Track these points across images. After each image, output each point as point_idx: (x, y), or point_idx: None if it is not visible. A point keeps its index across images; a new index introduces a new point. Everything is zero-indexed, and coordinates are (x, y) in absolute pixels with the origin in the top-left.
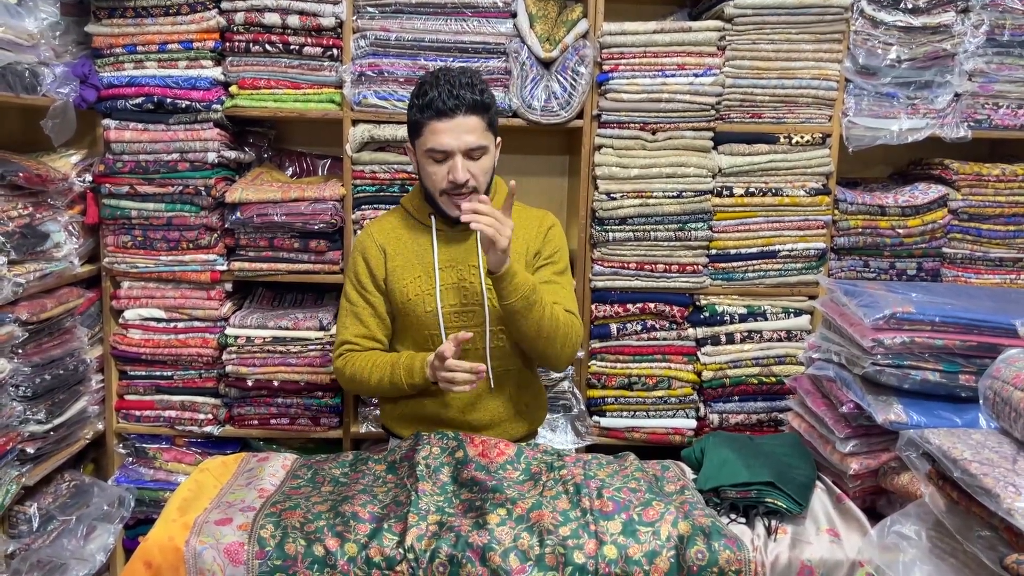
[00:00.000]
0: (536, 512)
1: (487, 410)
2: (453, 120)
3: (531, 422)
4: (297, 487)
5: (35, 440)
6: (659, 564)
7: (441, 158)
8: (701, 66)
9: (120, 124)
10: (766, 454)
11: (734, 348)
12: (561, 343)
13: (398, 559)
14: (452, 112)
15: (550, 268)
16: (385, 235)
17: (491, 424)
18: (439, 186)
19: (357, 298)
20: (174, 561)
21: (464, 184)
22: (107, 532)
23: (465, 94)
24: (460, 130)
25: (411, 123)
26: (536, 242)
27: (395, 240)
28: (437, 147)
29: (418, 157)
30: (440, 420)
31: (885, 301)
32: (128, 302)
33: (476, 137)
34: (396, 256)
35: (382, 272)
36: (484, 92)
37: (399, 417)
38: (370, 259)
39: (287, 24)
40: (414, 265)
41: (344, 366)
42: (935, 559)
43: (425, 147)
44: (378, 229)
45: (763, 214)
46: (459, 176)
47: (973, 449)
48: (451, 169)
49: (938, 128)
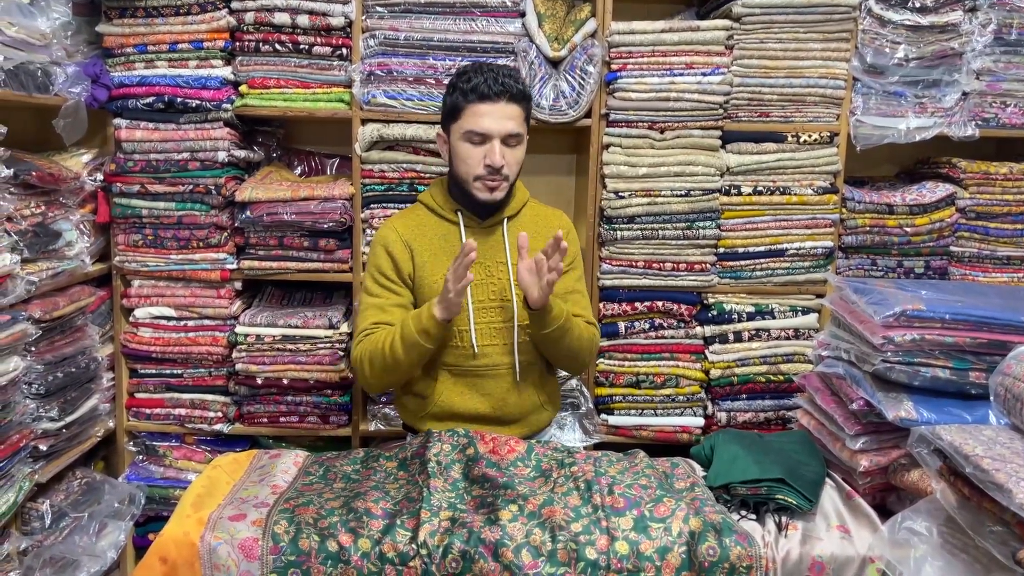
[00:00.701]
0: (548, 508)
1: (517, 404)
2: (496, 104)
3: (553, 409)
4: (309, 484)
5: (47, 437)
6: (671, 560)
7: (479, 140)
8: (709, 65)
9: (131, 123)
10: (776, 451)
11: (742, 346)
12: (586, 356)
13: (411, 555)
14: (496, 97)
15: (571, 275)
16: (410, 231)
17: (521, 416)
18: (474, 170)
19: (380, 290)
20: (189, 556)
21: (500, 169)
22: (118, 529)
23: (509, 82)
24: (502, 115)
25: (450, 106)
26: None
27: (420, 236)
28: (478, 129)
29: (452, 142)
30: (468, 415)
31: (895, 299)
32: (138, 300)
33: (515, 124)
34: (423, 252)
35: (409, 267)
36: (525, 85)
37: (426, 415)
38: (395, 253)
39: (297, 24)
40: (442, 260)
41: (360, 349)
42: (946, 555)
43: (464, 129)
44: (402, 224)
45: (771, 213)
46: (496, 160)
47: (985, 445)
48: (488, 153)
49: (946, 127)
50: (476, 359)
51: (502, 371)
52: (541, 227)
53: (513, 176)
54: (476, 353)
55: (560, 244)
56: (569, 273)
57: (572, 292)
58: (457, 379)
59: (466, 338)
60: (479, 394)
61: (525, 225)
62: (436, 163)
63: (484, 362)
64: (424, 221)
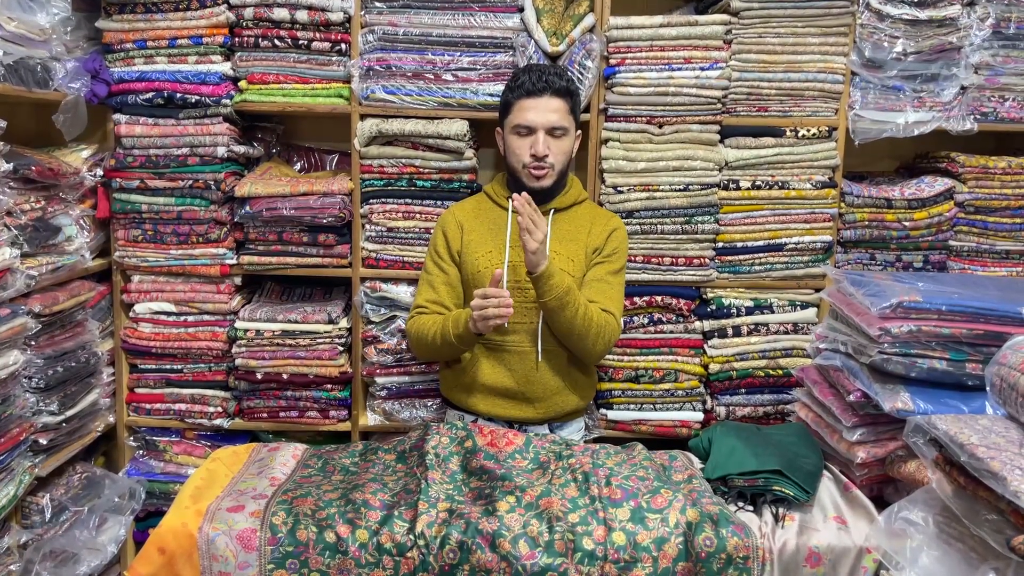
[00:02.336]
0: (545, 499)
1: (540, 383)
2: (540, 99)
3: (581, 396)
4: (308, 476)
5: (48, 431)
6: (667, 550)
7: (526, 132)
8: (707, 60)
9: (131, 119)
10: (774, 443)
11: (741, 341)
12: (592, 341)
13: (409, 545)
14: (540, 92)
15: (606, 267)
16: (465, 213)
17: (544, 396)
18: (522, 160)
19: (433, 267)
20: (188, 547)
21: (544, 158)
22: (118, 524)
23: (552, 79)
24: (545, 108)
25: (503, 105)
26: (599, 238)
27: (473, 218)
28: (523, 123)
29: (505, 136)
30: (495, 389)
31: (892, 290)
32: (138, 296)
33: (559, 117)
34: (472, 231)
35: (458, 244)
36: (570, 82)
37: (459, 386)
38: (448, 232)
39: (296, 19)
40: (487, 240)
41: (412, 327)
42: (942, 544)
43: (513, 123)
44: (459, 208)
45: (769, 207)
46: (540, 149)
47: (980, 434)
48: (533, 143)
49: (944, 121)
50: (507, 335)
51: (526, 349)
52: (588, 223)
53: (559, 165)
54: (507, 329)
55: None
56: (603, 264)
57: (599, 280)
58: (489, 352)
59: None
60: (506, 368)
61: (573, 219)
62: (435, 158)
63: (513, 339)
64: (482, 206)
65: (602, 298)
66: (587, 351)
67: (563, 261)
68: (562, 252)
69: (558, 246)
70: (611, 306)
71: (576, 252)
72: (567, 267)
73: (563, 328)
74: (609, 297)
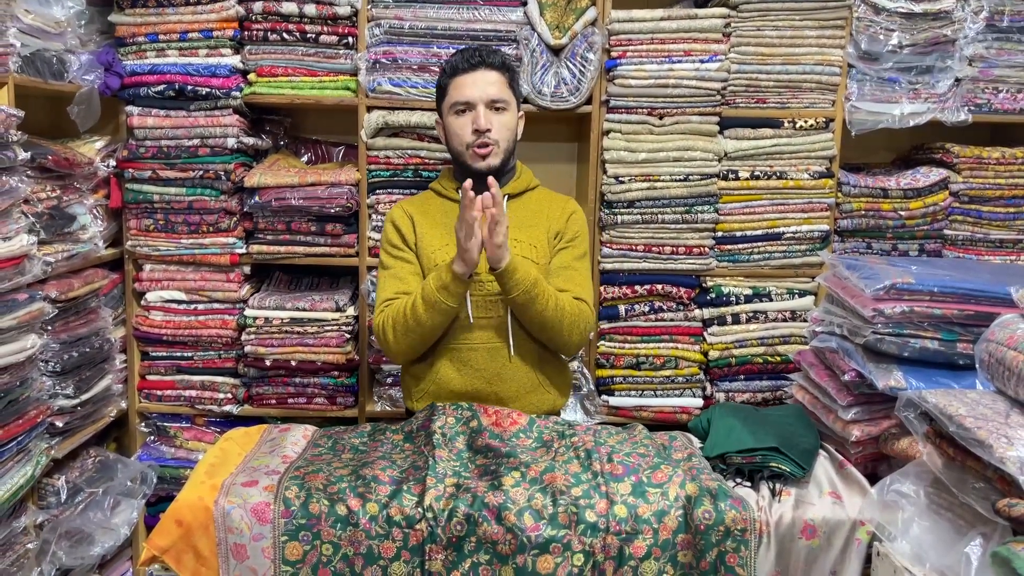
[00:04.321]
0: (549, 475)
1: (511, 381)
2: (475, 73)
3: (556, 396)
4: (319, 454)
5: (64, 414)
6: (667, 523)
7: (464, 108)
8: (707, 52)
9: (143, 111)
10: (771, 423)
11: (740, 328)
12: (568, 331)
13: (417, 518)
14: (474, 67)
15: (570, 252)
16: (414, 207)
17: (517, 396)
18: (464, 140)
19: (392, 261)
20: (204, 520)
21: (486, 133)
22: (131, 507)
23: (486, 54)
24: (482, 82)
25: (439, 91)
26: (559, 222)
27: (423, 212)
28: (461, 99)
29: (445, 122)
30: (465, 394)
31: (885, 273)
32: (150, 284)
33: (497, 89)
34: (423, 224)
35: (412, 237)
36: (506, 57)
37: (425, 395)
38: (400, 225)
39: (304, 13)
40: (441, 234)
41: (380, 319)
42: (932, 515)
43: (451, 103)
44: (407, 203)
45: (768, 197)
46: (481, 123)
47: (968, 406)
48: (474, 119)
49: (939, 112)
50: (471, 332)
51: (496, 344)
52: (545, 208)
53: (504, 142)
54: (471, 326)
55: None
56: (567, 250)
57: (565, 268)
58: (454, 355)
59: (463, 310)
60: (474, 370)
61: (528, 205)
62: (440, 149)
63: (479, 336)
64: (429, 202)
65: (571, 285)
66: (563, 343)
67: (525, 248)
68: (523, 239)
69: (518, 233)
70: (582, 293)
71: (538, 238)
72: (530, 254)
73: (535, 323)
74: (578, 284)
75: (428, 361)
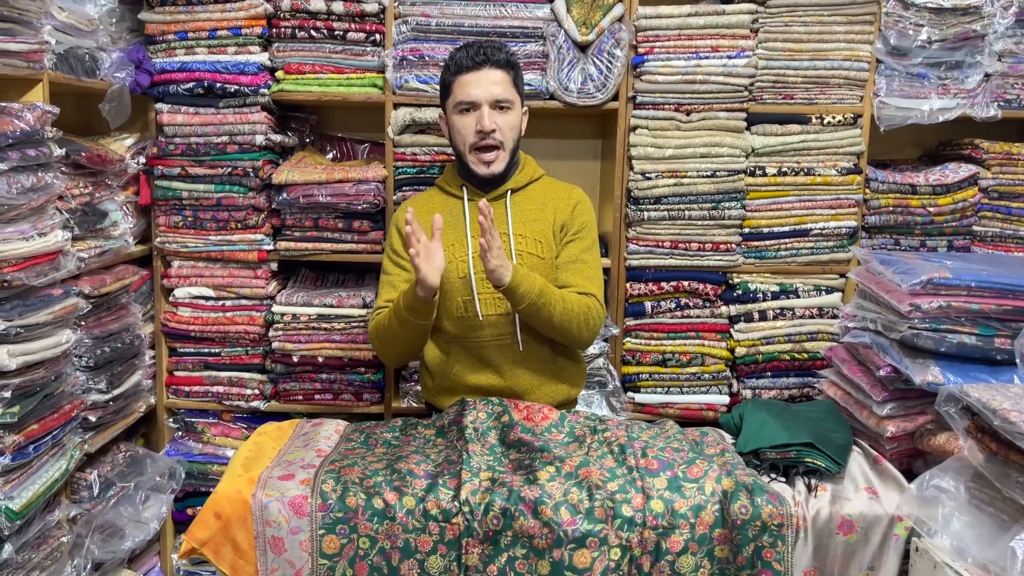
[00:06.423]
0: (584, 469)
1: (523, 375)
2: (480, 72)
3: (570, 386)
4: (352, 448)
5: (96, 409)
6: (704, 517)
7: (468, 107)
8: (734, 48)
9: (172, 108)
10: (804, 419)
11: (767, 325)
12: (578, 331)
13: (454, 512)
14: (479, 66)
15: (578, 244)
16: (419, 207)
17: (531, 388)
18: (468, 140)
19: (392, 268)
20: (242, 512)
21: (491, 134)
22: (160, 502)
23: (491, 52)
24: (486, 81)
25: (442, 87)
26: (564, 214)
27: (428, 213)
28: (465, 99)
29: (449, 119)
30: (480, 388)
31: (921, 268)
32: (178, 281)
33: (501, 89)
34: (426, 222)
35: None
36: (510, 54)
37: (440, 390)
38: (403, 230)
39: (331, 10)
40: (447, 233)
41: (372, 328)
42: (973, 509)
43: (455, 102)
44: (412, 203)
45: (795, 193)
46: (486, 123)
47: (1012, 400)
48: (478, 119)
49: (968, 108)
50: (482, 329)
51: (507, 340)
52: (549, 200)
53: (509, 143)
54: (481, 323)
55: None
56: (575, 242)
57: (575, 261)
58: (466, 352)
59: (471, 308)
60: (487, 366)
61: (532, 198)
62: None
63: (489, 332)
64: (434, 199)
65: (579, 280)
66: (574, 341)
67: (530, 244)
68: (528, 235)
69: (523, 228)
70: (590, 287)
71: (543, 232)
72: (536, 250)
73: (545, 327)
74: (587, 277)
75: (442, 357)
